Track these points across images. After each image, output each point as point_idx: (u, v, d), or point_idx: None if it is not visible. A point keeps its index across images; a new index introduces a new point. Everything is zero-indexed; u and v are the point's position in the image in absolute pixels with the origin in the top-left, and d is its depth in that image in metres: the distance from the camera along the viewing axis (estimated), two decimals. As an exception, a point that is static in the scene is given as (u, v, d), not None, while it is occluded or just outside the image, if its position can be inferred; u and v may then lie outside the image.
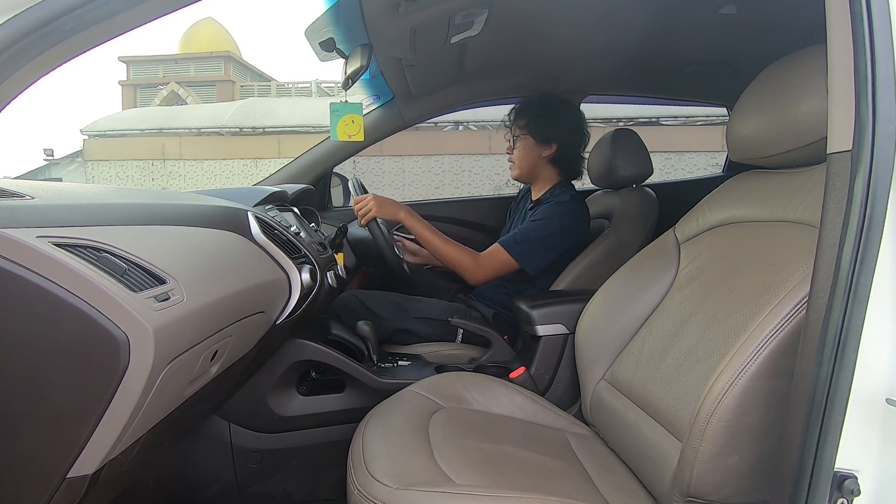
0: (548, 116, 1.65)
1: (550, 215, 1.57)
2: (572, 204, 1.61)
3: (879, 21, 0.60)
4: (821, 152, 0.69)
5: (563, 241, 1.57)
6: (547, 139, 1.64)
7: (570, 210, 1.59)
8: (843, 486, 0.61)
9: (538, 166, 1.67)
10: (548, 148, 1.65)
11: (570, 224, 1.57)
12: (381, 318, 1.55)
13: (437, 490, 0.78)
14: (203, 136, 8.80)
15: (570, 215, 1.58)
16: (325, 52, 1.43)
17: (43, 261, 0.55)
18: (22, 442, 0.60)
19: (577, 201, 1.63)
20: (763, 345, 0.72)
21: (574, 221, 1.59)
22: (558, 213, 1.57)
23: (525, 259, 1.54)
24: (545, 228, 1.56)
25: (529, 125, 1.65)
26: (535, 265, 1.55)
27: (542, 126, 1.64)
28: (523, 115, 1.67)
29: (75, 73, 25.69)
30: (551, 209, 1.59)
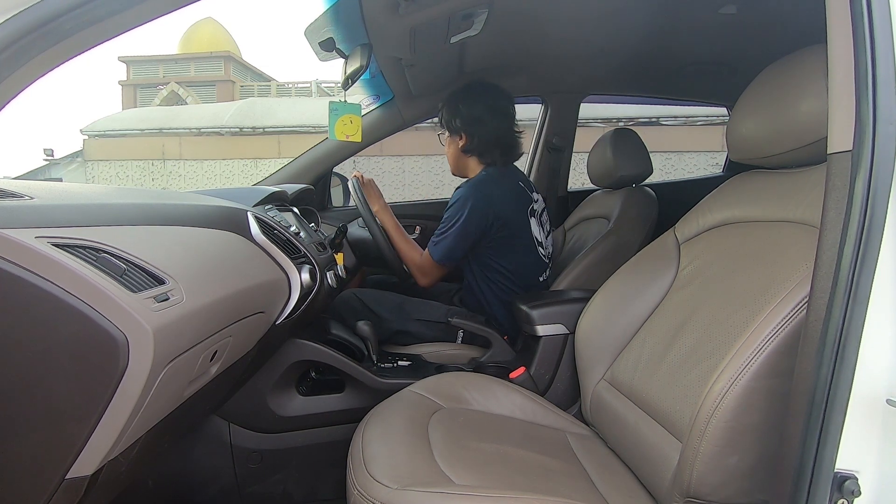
0: (451, 108, 1.60)
1: (453, 200, 1.54)
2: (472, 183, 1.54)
3: (880, 21, 0.60)
4: (821, 152, 0.69)
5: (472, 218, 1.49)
6: (456, 131, 1.60)
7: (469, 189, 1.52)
8: (844, 487, 0.61)
9: (460, 159, 1.64)
10: (460, 139, 1.61)
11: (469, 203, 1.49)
12: (383, 318, 1.55)
13: (437, 490, 0.77)
14: (203, 136, 8.81)
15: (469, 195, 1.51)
16: (325, 52, 1.43)
17: (42, 261, 0.55)
18: (21, 442, 0.59)
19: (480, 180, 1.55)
20: (763, 345, 0.72)
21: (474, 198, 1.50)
22: (458, 196, 1.53)
23: (442, 254, 1.53)
24: (449, 215, 1.53)
25: (444, 120, 1.62)
26: (454, 254, 1.53)
27: (448, 119, 1.61)
28: (442, 112, 1.63)
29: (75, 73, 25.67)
30: (456, 195, 1.55)
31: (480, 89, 1.61)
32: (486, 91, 1.60)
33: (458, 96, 1.60)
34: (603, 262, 1.55)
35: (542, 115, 2.21)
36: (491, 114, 1.57)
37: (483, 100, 1.58)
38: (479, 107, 1.57)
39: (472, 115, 1.57)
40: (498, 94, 1.60)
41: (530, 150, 2.27)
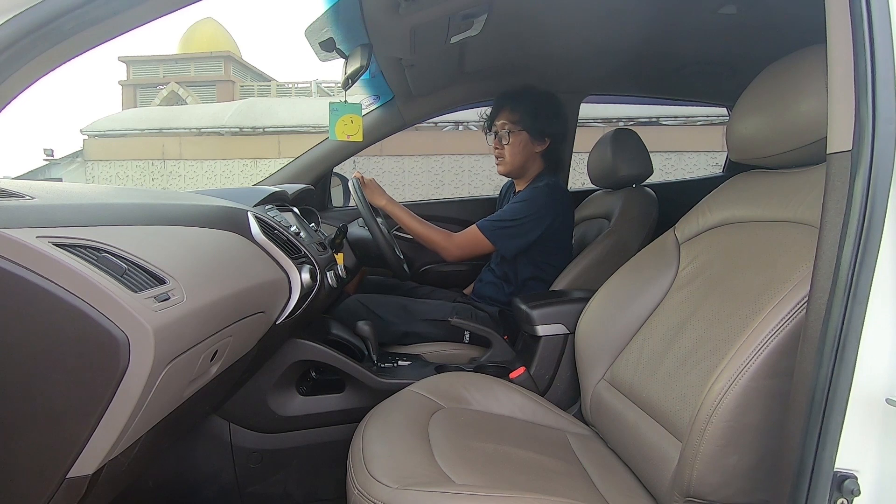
0: (542, 110, 1.63)
1: (527, 198, 1.58)
2: (550, 187, 1.60)
3: (879, 21, 0.60)
4: (821, 152, 0.69)
5: (540, 224, 1.56)
6: (542, 134, 1.64)
7: (547, 192, 1.58)
8: (843, 486, 0.61)
9: (529, 161, 1.67)
10: (541, 143, 1.65)
11: (546, 205, 1.56)
12: (388, 322, 1.56)
13: (437, 490, 0.78)
14: (203, 136, 8.80)
15: (547, 197, 1.58)
16: (325, 52, 1.43)
17: (43, 261, 0.55)
18: (22, 442, 0.60)
19: (556, 185, 1.63)
20: (763, 345, 0.72)
21: (551, 203, 1.58)
22: (534, 196, 1.57)
23: (500, 241, 1.56)
24: (520, 210, 1.56)
25: (525, 120, 1.63)
26: (510, 247, 1.56)
27: (538, 121, 1.62)
28: (516, 110, 1.64)
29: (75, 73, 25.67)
30: (528, 192, 1.59)
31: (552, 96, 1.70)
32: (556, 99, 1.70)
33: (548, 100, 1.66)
34: (603, 262, 1.55)
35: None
36: (565, 122, 1.69)
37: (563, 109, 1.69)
38: (563, 115, 1.68)
39: (559, 122, 1.66)
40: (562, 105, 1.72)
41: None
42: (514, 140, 1.64)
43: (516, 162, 1.66)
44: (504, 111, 1.66)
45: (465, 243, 1.58)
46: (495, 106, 1.70)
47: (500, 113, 1.67)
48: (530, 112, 1.63)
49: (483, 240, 1.57)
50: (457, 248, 1.59)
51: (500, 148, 1.67)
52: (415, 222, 1.63)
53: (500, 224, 1.57)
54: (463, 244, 1.59)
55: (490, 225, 1.57)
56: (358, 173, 1.64)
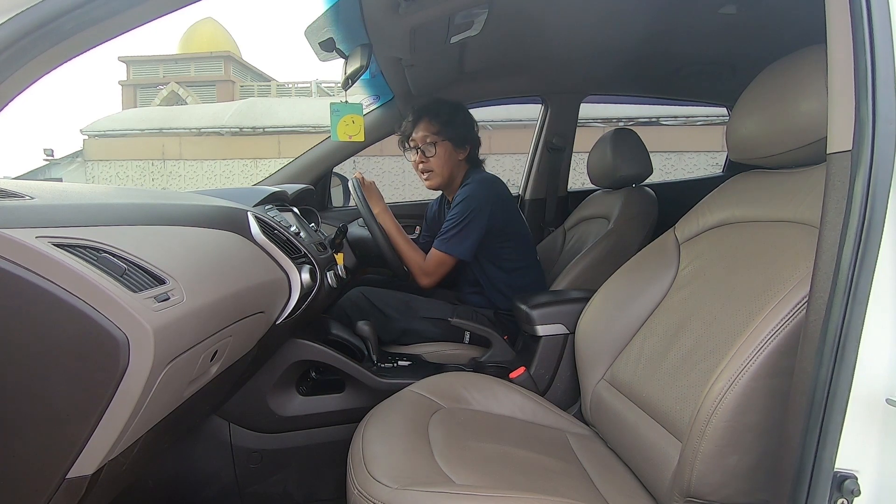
0: (459, 119, 1.65)
1: (463, 196, 1.58)
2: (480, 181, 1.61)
3: (879, 21, 0.60)
4: (821, 152, 0.69)
5: (482, 216, 1.56)
6: (463, 141, 1.65)
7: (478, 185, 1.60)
8: (843, 487, 0.61)
9: (456, 169, 1.68)
10: (463, 150, 1.67)
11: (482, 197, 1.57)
12: (390, 317, 1.56)
13: (437, 490, 0.77)
14: (203, 136, 8.80)
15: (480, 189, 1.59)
16: (325, 52, 1.43)
17: (42, 261, 0.55)
18: (21, 442, 0.60)
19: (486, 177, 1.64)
20: (763, 345, 0.72)
21: (487, 193, 1.59)
22: (468, 194, 1.58)
23: (454, 249, 1.56)
24: (460, 212, 1.57)
25: (447, 130, 1.63)
26: (464, 249, 1.57)
27: (457, 129, 1.64)
28: (435, 120, 1.63)
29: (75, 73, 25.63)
30: (462, 191, 1.60)
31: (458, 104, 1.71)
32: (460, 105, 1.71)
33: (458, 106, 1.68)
34: (603, 262, 1.55)
35: (542, 115, 2.21)
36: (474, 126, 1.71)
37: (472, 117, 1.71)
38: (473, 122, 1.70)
39: (474, 128, 1.67)
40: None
41: (530, 150, 2.28)
42: (440, 150, 1.64)
43: (445, 172, 1.66)
44: (422, 124, 1.65)
45: (432, 268, 1.60)
46: (412, 122, 1.69)
47: (418, 126, 1.66)
48: (448, 121, 1.64)
49: (442, 257, 1.58)
50: (427, 276, 1.60)
51: (426, 161, 1.66)
52: (400, 238, 1.62)
53: (448, 235, 1.58)
54: (431, 270, 1.60)
55: (440, 241, 1.59)
56: (359, 174, 1.64)
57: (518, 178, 2.39)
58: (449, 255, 1.57)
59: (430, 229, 1.87)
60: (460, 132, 1.64)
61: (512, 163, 7.72)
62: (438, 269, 1.60)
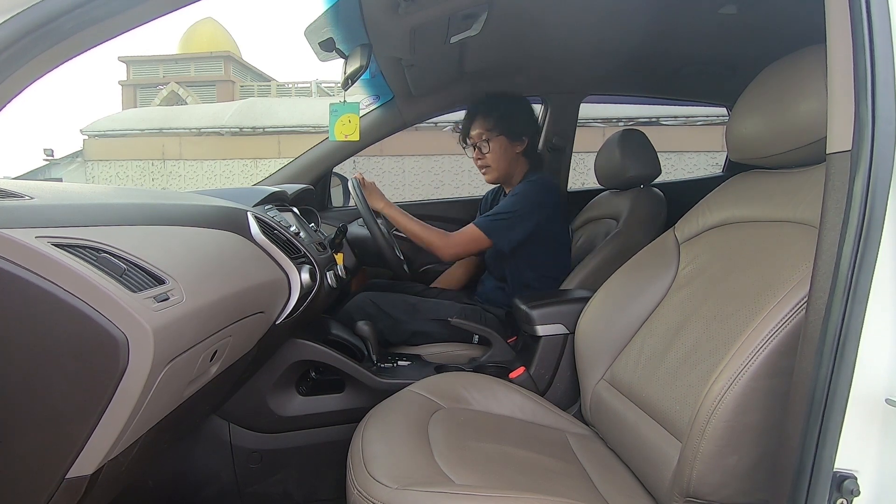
0: (514, 112, 1.67)
1: (519, 192, 1.59)
2: (542, 182, 1.62)
3: (879, 21, 0.60)
4: (820, 152, 0.69)
5: (532, 216, 1.57)
6: (518, 134, 1.66)
7: (539, 186, 1.60)
8: (843, 487, 0.61)
9: (513, 163, 1.69)
10: (520, 143, 1.67)
11: (538, 200, 1.58)
12: (398, 320, 1.56)
13: (437, 490, 0.77)
14: (203, 136, 8.80)
15: (539, 191, 1.60)
16: (325, 52, 1.43)
17: (42, 261, 0.55)
18: (21, 442, 0.60)
19: (547, 181, 1.65)
20: (763, 345, 0.72)
21: (544, 197, 1.60)
22: (526, 190, 1.59)
23: (495, 234, 1.56)
24: (514, 203, 1.57)
25: (501, 124, 1.65)
26: (505, 240, 1.56)
27: (512, 122, 1.65)
28: (488, 117, 1.66)
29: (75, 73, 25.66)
30: (521, 186, 1.61)
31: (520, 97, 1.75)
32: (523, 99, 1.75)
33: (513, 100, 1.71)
34: (612, 262, 1.54)
35: (542, 115, 2.21)
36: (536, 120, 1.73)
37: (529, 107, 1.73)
38: (531, 113, 1.72)
39: (529, 119, 1.69)
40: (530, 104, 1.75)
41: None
42: (494, 146, 1.66)
43: (502, 167, 1.68)
44: (476, 121, 1.68)
45: (461, 241, 1.59)
46: (466, 119, 1.72)
47: (473, 124, 1.69)
48: (502, 115, 1.65)
49: (479, 236, 1.57)
50: (453, 247, 1.59)
51: (483, 157, 1.69)
52: (412, 223, 1.63)
53: (494, 217, 1.58)
54: (459, 242, 1.59)
55: (485, 220, 1.58)
56: (359, 174, 1.65)
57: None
58: (487, 235, 1.56)
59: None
60: (515, 126, 1.65)
61: (512, 163, 7.72)
62: (469, 245, 1.58)
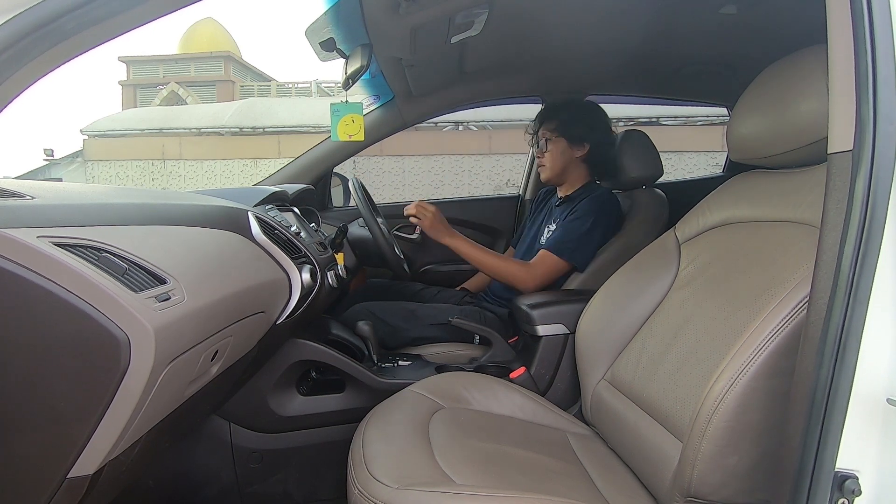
0: (578, 118, 1.69)
1: (591, 209, 1.58)
2: (606, 198, 1.63)
3: (880, 21, 0.60)
4: (821, 152, 0.69)
5: (601, 231, 1.58)
6: (580, 140, 1.67)
7: (608, 200, 1.62)
8: (844, 486, 0.61)
9: (570, 167, 1.70)
10: (580, 148, 1.68)
11: (607, 218, 1.60)
12: (397, 328, 1.56)
13: (438, 490, 0.78)
14: (203, 136, 8.80)
15: (610, 205, 1.62)
16: (326, 52, 1.43)
17: (43, 261, 0.55)
18: (22, 442, 0.60)
19: (609, 195, 1.66)
20: (763, 345, 0.72)
21: (615, 210, 1.63)
22: (598, 206, 1.59)
23: (576, 257, 1.56)
24: (587, 221, 1.57)
25: (561, 127, 1.68)
26: (584, 259, 1.57)
27: (573, 127, 1.67)
28: (553, 118, 1.70)
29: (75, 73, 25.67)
30: (591, 204, 1.60)
31: (593, 105, 1.77)
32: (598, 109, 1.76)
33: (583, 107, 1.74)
34: (614, 262, 1.53)
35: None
36: (606, 130, 1.73)
37: (604, 116, 1.74)
38: (603, 121, 1.73)
39: (595, 127, 1.70)
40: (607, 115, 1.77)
41: (530, 150, 2.27)
42: (553, 147, 1.69)
43: (556, 167, 1.70)
44: (545, 122, 1.72)
45: (544, 272, 1.56)
46: (536, 119, 1.77)
47: (542, 124, 1.73)
48: (566, 119, 1.68)
49: (559, 262, 1.56)
50: (538, 279, 1.55)
51: (542, 156, 1.72)
52: (488, 257, 1.59)
53: (572, 242, 1.56)
54: (542, 273, 1.56)
55: (562, 247, 1.56)
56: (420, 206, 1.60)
57: (518, 178, 2.39)
58: (569, 261, 1.55)
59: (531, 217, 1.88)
60: (576, 131, 1.67)
61: (512, 163, 7.73)
62: (551, 274, 1.56)
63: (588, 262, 1.57)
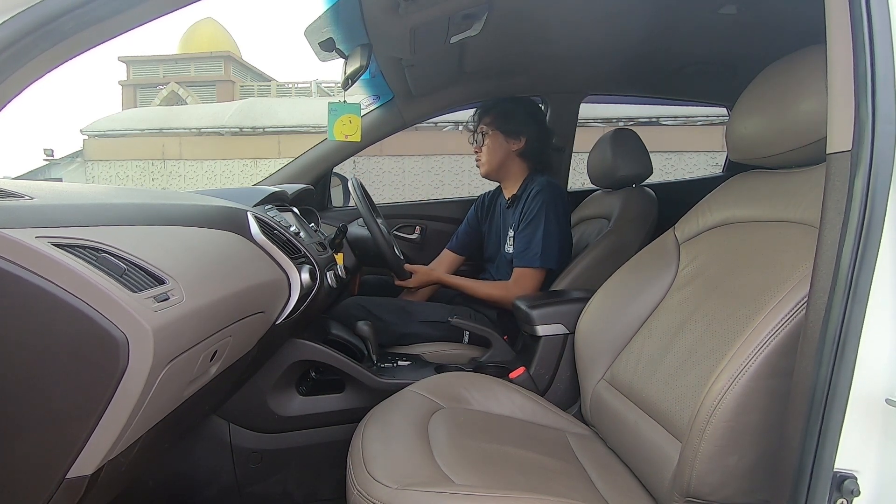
0: (512, 111, 1.70)
1: (539, 206, 1.59)
2: (550, 189, 1.64)
3: (879, 21, 0.60)
4: (820, 152, 0.69)
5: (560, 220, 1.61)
6: (515, 133, 1.69)
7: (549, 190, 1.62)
8: (843, 487, 0.61)
9: (508, 161, 1.71)
10: (516, 142, 1.69)
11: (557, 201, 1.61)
12: (388, 323, 1.56)
13: (437, 490, 0.78)
14: (203, 136, 8.80)
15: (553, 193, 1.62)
16: (325, 52, 1.43)
17: (42, 261, 0.55)
18: (21, 442, 0.60)
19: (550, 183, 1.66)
20: (763, 345, 0.72)
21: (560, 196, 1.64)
22: (542, 201, 1.60)
23: (544, 259, 1.57)
24: (539, 222, 1.58)
25: (497, 121, 1.69)
26: (553, 257, 1.58)
27: (508, 121, 1.69)
28: (488, 114, 1.72)
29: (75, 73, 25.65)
30: (535, 201, 1.61)
31: (529, 101, 1.80)
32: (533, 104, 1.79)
33: (518, 102, 1.75)
34: (603, 262, 1.55)
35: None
36: (542, 124, 1.77)
37: (536, 111, 1.77)
38: (537, 115, 1.76)
39: (531, 120, 1.71)
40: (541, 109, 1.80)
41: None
42: (489, 141, 1.70)
43: (493, 162, 1.71)
44: (482, 118, 1.73)
45: (523, 286, 1.58)
46: (474, 116, 1.77)
47: (480, 120, 1.74)
48: (502, 114, 1.70)
49: (533, 273, 1.58)
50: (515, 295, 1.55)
51: (479, 151, 1.74)
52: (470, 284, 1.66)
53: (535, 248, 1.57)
54: (522, 288, 1.58)
55: (528, 257, 1.57)
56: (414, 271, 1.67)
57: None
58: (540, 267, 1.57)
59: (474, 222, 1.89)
60: (512, 125, 1.68)
61: (512, 163, 7.72)
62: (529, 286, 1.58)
63: (557, 258, 1.58)
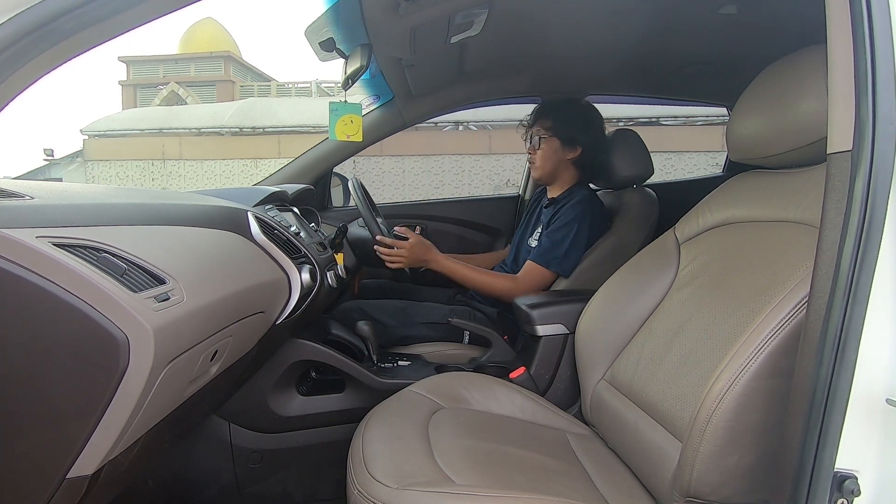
0: (574, 119, 1.68)
1: (574, 215, 1.58)
2: (592, 198, 1.63)
3: (879, 21, 0.60)
4: (821, 152, 0.69)
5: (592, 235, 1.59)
6: (573, 142, 1.67)
7: (590, 203, 1.62)
8: (843, 487, 0.61)
9: (561, 168, 1.69)
10: (573, 151, 1.67)
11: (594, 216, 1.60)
12: (387, 325, 1.56)
13: (437, 490, 0.78)
14: (203, 136, 8.80)
15: (592, 207, 1.61)
16: (325, 52, 1.43)
17: (43, 261, 0.55)
18: (22, 442, 0.60)
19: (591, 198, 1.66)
20: (763, 345, 0.72)
21: (598, 212, 1.63)
22: (580, 211, 1.59)
23: (562, 266, 1.57)
24: (571, 229, 1.57)
25: (555, 127, 1.67)
26: (571, 266, 1.57)
27: (568, 129, 1.66)
28: (548, 117, 1.69)
29: (75, 73, 25.66)
30: (573, 209, 1.60)
31: (589, 106, 1.76)
32: (593, 110, 1.75)
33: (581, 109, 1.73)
34: (603, 262, 1.55)
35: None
36: (600, 133, 1.72)
37: (595, 118, 1.73)
38: (593, 123, 1.71)
39: (590, 129, 1.68)
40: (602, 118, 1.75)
41: (530, 150, 2.27)
42: (545, 146, 1.68)
43: (547, 167, 1.69)
44: (540, 119, 1.71)
45: (532, 284, 1.57)
46: (532, 115, 1.75)
47: (537, 121, 1.72)
48: (562, 120, 1.67)
49: (546, 273, 1.57)
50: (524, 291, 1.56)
51: (533, 153, 1.71)
52: (476, 274, 1.61)
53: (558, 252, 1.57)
54: (530, 286, 1.57)
55: (548, 258, 1.57)
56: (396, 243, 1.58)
57: (518, 178, 2.39)
58: (553, 271, 1.56)
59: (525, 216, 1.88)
60: (571, 133, 1.66)
61: (512, 163, 7.73)
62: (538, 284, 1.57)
63: (574, 267, 1.57)
